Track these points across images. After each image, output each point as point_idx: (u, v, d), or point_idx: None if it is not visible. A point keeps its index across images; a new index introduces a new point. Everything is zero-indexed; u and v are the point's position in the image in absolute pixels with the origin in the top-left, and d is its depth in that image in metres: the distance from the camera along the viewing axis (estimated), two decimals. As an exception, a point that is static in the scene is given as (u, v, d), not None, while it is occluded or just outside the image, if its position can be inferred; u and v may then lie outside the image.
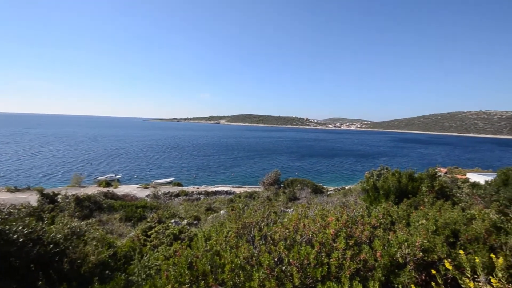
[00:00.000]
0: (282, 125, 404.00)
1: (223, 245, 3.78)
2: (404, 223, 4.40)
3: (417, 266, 2.95)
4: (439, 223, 3.85)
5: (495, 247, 3.42)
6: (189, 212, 14.67)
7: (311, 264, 2.94)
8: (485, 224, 3.55)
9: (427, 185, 6.07)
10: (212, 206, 17.72)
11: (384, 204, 5.30)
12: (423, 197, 6.02)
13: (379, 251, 3.13)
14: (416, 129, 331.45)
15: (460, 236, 3.68)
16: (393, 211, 5.05)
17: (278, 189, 19.48)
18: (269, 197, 16.43)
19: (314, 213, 4.30)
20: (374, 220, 3.91)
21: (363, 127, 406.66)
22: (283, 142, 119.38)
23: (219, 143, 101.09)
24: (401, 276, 2.86)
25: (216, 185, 31.51)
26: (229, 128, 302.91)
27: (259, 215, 4.47)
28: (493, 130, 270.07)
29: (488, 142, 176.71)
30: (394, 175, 6.58)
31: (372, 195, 6.67)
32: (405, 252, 3.00)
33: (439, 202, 5.47)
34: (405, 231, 3.88)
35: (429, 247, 3.13)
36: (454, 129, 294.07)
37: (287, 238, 3.50)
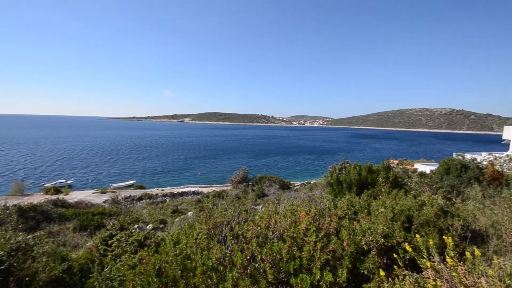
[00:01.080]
0: (248, 123, 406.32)
1: (193, 247, 3.64)
2: (365, 213, 4.72)
3: (379, 251, 3.19)
4: (396, 211, 4.21)
5: (443, 229, 3.86)
6: (154, 216, 13.91)
7: (283, 259, 2.98)
8: (434, 209, 3.98)
9: (383, 176, 6.61)
10: (179, 208, 17.07)
11: (347, 196, 5.64)
12: (380, 187, 6.54)
13: (346, 241, 3.31)
14: (371, 125, 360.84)
15: (413, 221, 4.07)
16: (356, 202, 5.40)
17: (246, 186, 19.54)
18: (238, 195, 16.38)
19: (284, 209, 4.37)
20: (340, 212, 4.12)
21: (325, 124, 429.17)
22: (250, 140, 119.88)
23: (184, 143, 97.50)
24: (366, 262, 3.06)
25: (182, 186, 30.39)
26: (194, 126, 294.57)
27: (229, 214, 4.40)
28: (434, 125, 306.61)
29: (429, 136, 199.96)
30: (355, 169, 7.02)
31: (336, 188, 7.04)
32: (369, 239, 3.22)
33: (394, 191, 5.99)
34: (367, 219, 4.16)
35: (389, 233, 3.40)
36: (403, 125, 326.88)
37: (259, 236, 3.50)
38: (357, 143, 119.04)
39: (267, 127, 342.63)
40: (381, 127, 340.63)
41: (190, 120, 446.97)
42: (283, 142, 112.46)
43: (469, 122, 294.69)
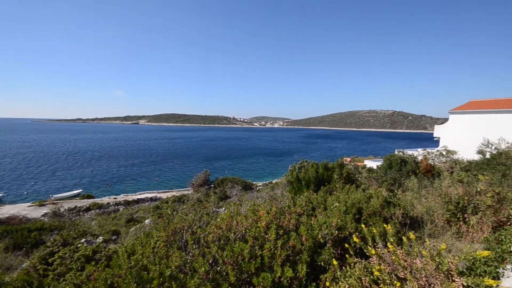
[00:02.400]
0: (209, 124, 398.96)
1: (150, 257, 3.43)
2: (322, 208, 5.02)
3: (334, 243, 3.42)
4: (348, 204, 4.57)
5: (387, 217, 4.32)
6: (105, 227, 12.69)
7: (245, 259, 2.99)
8: (379, 201, 4.42)
9: (337, 173, 7.10)
10: (134, 216, 15.88)
11: (306, 193, 5.93)
12: (335, 183, 7.03)
13: (304, 236, 3.47)
14: (327, 126, 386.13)
15: (363, 213, 4.47)
16: (314, 198, 5.70)
17: (208, 189, 19.08)
18: (200, 199, 15.91)
19: (246, 209, 4.39)
20: (299, 209, 4.31)
21: (285, 125, 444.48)
22: (211, 142, 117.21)
23: (139, 146, 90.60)
24: (322, 254, 3.24)
25: (138, 192, 28.32)
26: (151, 129, 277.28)
27: (190, 218, 4.26)
28: (379, 125, 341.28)
29: (375, 135, 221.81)
30: (313, 167, 7.41)
31: (296, 186, 7.33)
32: (325, 232, 3.42)
33: (347, 187, 6.50)
34: (323, 214, 4.43)
35: (342, 225, 3.67)
36: (354, 125, 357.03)
37: (221, 238, 3.46)
38: (314, 143, 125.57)
39: (229, 128, 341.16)
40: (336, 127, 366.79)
41: (146, 122, 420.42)
42: (245, 144, 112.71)
43: (408, 122, 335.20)
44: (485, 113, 23.32)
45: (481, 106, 24.46)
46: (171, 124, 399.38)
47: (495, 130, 20.16)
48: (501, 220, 3.38)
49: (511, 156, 11.36)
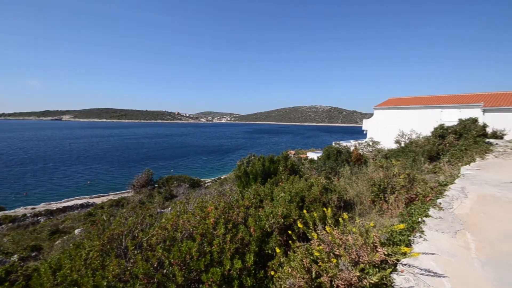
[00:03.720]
0: (151, 120, 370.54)
1: (82, 270, 3.04)
2: (269, 199, 5.23)
3: (280, 230, 3.61)
4: (292, 193, 4.86)
5: (326, 202, 4.76)
6: (21, 243, 10.64)
7: (194, 257, 2.91)
8: (319, 188, 4.84)
9: (283, 165, 7.47)
10: (60, 227, 13.73)
11: (254, 186, 6.08)
12: (281, 175, 7.39)
13: (252, 227, 3.56)
14: (272, 121, 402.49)
15: (305, 200, 4.83)
16: (261, 191, 5.89)
17: (152, 190, 17.72)
18: (142, 201, 14.66)
19: (193, 207, 4.26)
20: (247, 202, 4.39)
21: (232, 120, 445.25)
22: (153, 139, 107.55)
23: (62, 146, 77.10)
24: (269, 242, 3.39)
25: (64, 199, 24.46)
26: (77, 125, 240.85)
27: (130, 222, 3.91)
28: (319, 119, 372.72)
29: (316, 129, 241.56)
30: (259, 160, 7.62)
31: (244, 180, 7.43)
32: (271, 222, 3.58)
33: (292, 177, 6.91)
34: (270, 205, 4.62)
35: (287, 213, 3.89)
36: (297, 120, 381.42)
37: (167, 239, 3.28)
38: (260, 138, 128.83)
39: (173, 124, 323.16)
40: (281, 122, 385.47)
41: (72, 117, 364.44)
42: (191, 140, 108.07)
43: (342, 117, 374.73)
44: (400, 109, 27.80)
45: (397, 103, 29.06)
46: (105, 120, 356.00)
47: (408, 123, 24.19)
48: (411, 197, 4.11)
49: (419, 145, 13.81)
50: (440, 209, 3.04)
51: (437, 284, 1.85)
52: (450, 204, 3.20)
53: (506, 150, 9.99)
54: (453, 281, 1.90)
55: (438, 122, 16.50)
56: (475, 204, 3.32)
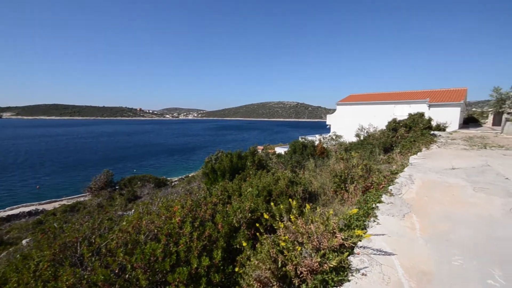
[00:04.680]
0: (109, 117, 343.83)
1: (31, 283, 2.76)
2: (237, 194, 5.25)
3: (248, 225, 3.65)
4: (260, 188, 4.94)
5: (292, 195, 4.94)
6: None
7: (158, 259, 2.81)
8: (285, 181, 4.99)
9: (250, 160, 7.53)
10: (5, 238, 12.16)
11: (221, 182, 6.04)
12: (249, 170, 7.45)
13: (220, 223, 3.54)
14: (241, 116, 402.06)
15: (272, 194, 4.94)
16: (229, 187, 5.87)
17: (112, 192, 16.47)
18: (101, 204, 13.56)
19: (157, 207, 4.09)
20: (215, 198, 4.36)
21: (199, 116, 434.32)
22: (111, 138, 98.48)
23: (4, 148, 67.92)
24: (237, 237, 3.42)
25: (8, 207, 21.65)
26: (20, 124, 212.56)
27: (86, 227, 3.64)
28: (286, 115, 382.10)
29: (283, 124, 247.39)
30: (227, 157, 7.58)
31: (212, 177, 7.34)
32: (239, 217, 3.60)
33: (259, 172, 7.01)
34: (238, 200, 4.64)
35: (254, 208, 3.95)
36: (265, 115, 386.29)
37: (128, 243, 3.10)
38: (229, 134, 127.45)
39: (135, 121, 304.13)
40: (249, 118, 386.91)
41: (13, 115, 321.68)
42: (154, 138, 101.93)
43: (308, 112, 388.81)
44: (360, 104, 29.77)
45: (357, 99, 31.06)
46: (54, 117, 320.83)
47: (366, 117, 26.01)
48: (367, 186, 4.46)
49: (376, 137, 14.95)
50: (391, 195, 3.36)
51: (388, 262, 2.04)
52: (399, 190, 3.54)
53: (448, 140, 11.33)
54: (401, 258, 2.11)
55: (392, 117, 18.08)
56: (420, 189, 3.73)
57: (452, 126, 21.48)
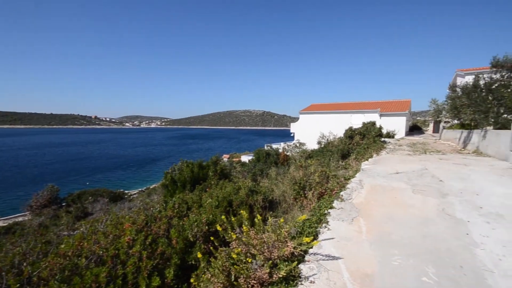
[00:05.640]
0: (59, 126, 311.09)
1: None
2: (197, 206, 5.06)
3: (205, 238, 3.52)
4: (220, 198, 4.84)
5: (252, 204, 4.92)
6: None
7: (101, 284, 2.55)
8: (245, 191, 4.97)
9: (212, 170, 7.38)
10: None
11: (178, 194, 5.78)
12: (211, 180, 7.27)
13: (174, 239, 3.36)
14: (207, 125, 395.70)
15: (233, 204, 4.87)
16: (189, 198, 5.65)
17: (58, 209, 14.60)
18: (44, 224, 11.90)
19: (105, 225, 3.74)
20: (170, 212, 4.14)
21: (163, 125, 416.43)
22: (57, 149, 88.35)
23: None
24: (193, 252, 3.27)
25: None
26: None
27: (16, 253, 3.17)
28: (253, 123, 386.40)
29: (250, 132, 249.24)
30: (188, 167, 7.32)
31: (171, 188, 7.00)
32: (195, 231, 3.45)
33: (221, 182, 6.90)
34: (197, 212, 4.48)
35: (213, 220, 3.84)
36: (232, 124, 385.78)
37: (65, 268, 2.76)
38: (194, 143, 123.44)
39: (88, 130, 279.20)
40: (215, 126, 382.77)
41: None
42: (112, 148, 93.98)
43: (274, 120, 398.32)
44: (321, 113, 31.44)
45: (318, 108, 32.81)
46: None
47: (327, 125, 27.47)
48: (322, 192, 4.65)
49: (334, 145, 15.83)
50: (342, 200, 3.54)
51: (335, 267, 2.12)
52: (350, 195, 3.77)
53: (395, 147, 12.49)
54: (347, 261, 2.21)
55: (349, 125, 19.42)
56: (368, 193, 4.01)
57: (399, 134, 23.84)
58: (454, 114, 11.59)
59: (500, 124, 8.97)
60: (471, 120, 10.78)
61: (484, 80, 9.40)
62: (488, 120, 9.37)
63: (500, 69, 9.08)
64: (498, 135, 7.94)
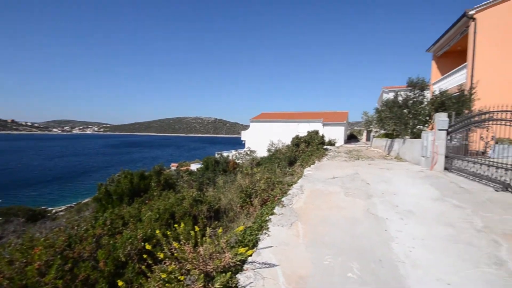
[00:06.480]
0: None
1: None
2: (134, 221, 4.61)
3: (140, 257, 3.20)
4: (161, 211, 4.52)
5: (196, 215, 4.73)
6: None
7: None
8: (190, 201, 4.76)
9: (155, 180, 6.88)
10: None
11: (116, 208, 5.20)
12: (153, 191, 6.76)
13: (102, 261, 2.97)
14: (154, 132, 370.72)
15: (175, 215, 4.60)
16: (126, 213, 5.11)
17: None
18: None
19: (8, 252, 3.10)
20: (100, 230, 3.66)
21: (101, 131, 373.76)
22: None
23: None
24: (125, 274, 2.94)
25: None
26: None
27: None
28: (204, 130, 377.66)
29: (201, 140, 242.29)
30: (126, 177, 6.68)
31: (105, 202, 6.26)
32: (128, 249, 3.13)
33: (165, 193, 6.47)
34: (133, 228, 4.07)
35: (151, 235, 3.54)
36: (182, 131, 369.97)
37: None
38: (138, 151, 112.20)
39: (2, 136, 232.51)
40: (164, 133, 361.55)
41: None
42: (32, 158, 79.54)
43: (226, 128, 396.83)
44: (270, 121, 32.63)
45: (268, 117, 34.02)
46: None
47: (276, 134, 28.58)
48: (265, 199, 4.77)
49: (283, 152, 16.53)
50: (283, 206, 3.69)
51: (271, 274, 2.16)
52: (291, 201, 3.95)
53: (335, 153, 13.70)
54: (284, 267, 2.28)
55: (296, 133, 20.61)
56: (308, 198, 4.27)
57: (339, 142, 26.34)
58: (380, 125, 13.39)
59: (415, 134, 10.72)
60: (393, 130, 12.62)
61: (402, 97, 11.16)
62: (406, 131, 11.12)
63: (413, 88, 10.92)
64: (413, 143, 9.44)
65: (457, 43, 13.24)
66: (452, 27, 12.65)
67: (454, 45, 13.71)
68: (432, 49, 16.08)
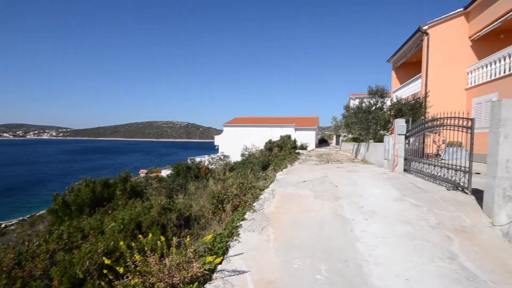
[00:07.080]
0: None
1: None
2: (96, 233, 4.28)
3: (100, 272, 2.97)
4: (126, 221, 4.25)
5: (165, 223, 4.53)
6: None
7: None
8: (158, 209, 4.55)
9: (120, 188, 6.48)
10: None
11: (75, 220, 4.78)
12: (118, 200, 6.35)
13: (56, 279, 2.71)
14: (122, 136, 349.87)
15: (142, 225, 4.36)
16: (86, 225, 4.73)
17: None
18: None
19: None
20: (54, 244, 3.34)
21: (60, 136, 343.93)
22: None
23: None
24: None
25: None
26: None
27: None
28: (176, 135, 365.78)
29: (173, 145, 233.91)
30: (88, 186, 6.21)
31: (62, 214, 5.74)
32: (87, 264, 2.88)
33: (131, 201, 6.11)
34: (94, 241, 3.77)
35: (113, 247, 3.31)
36: (152, 136, 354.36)
37: None
38: (103, 158, 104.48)
39: None
40: (132, 138, 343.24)
41: None
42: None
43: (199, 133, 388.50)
44: (244, 126, 32.67)
45: (242, 122, 34.04)
46: None
47: (250, 138, 28.66)
48: (236, 205, 4.74)
49: (256, 157, 16.61)
50: (254, 211, 3.69)
51: (241, 280, 2.13)
52: (262, 206, 3.97)
53: (306, 157, 14.10)
54: (253, 272, 2.27)
55: (269, 138, 20.89)
56: (279, 202, 4.33)
57: (311, 146, 27.22)
58: (348, 130, 14.12)
59: (378, 138, 11.48)
60: (359, 135, 13.39)
61: (365, 104, 11.91)
62: (370, 135, 11.86)
63: (374, 96, 11.72)
64: (376, 147, 10.08)
65: (413, 55, 14.51)
66: (409, 40, 13.86)
67: (411, 57, 15.01)
68: (391, 59, 17.44)
